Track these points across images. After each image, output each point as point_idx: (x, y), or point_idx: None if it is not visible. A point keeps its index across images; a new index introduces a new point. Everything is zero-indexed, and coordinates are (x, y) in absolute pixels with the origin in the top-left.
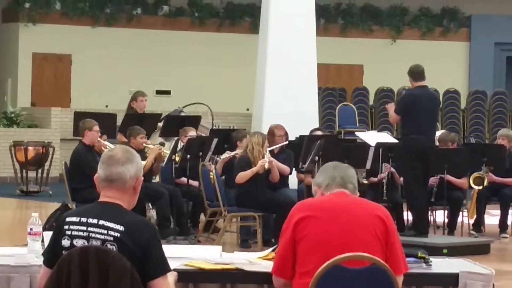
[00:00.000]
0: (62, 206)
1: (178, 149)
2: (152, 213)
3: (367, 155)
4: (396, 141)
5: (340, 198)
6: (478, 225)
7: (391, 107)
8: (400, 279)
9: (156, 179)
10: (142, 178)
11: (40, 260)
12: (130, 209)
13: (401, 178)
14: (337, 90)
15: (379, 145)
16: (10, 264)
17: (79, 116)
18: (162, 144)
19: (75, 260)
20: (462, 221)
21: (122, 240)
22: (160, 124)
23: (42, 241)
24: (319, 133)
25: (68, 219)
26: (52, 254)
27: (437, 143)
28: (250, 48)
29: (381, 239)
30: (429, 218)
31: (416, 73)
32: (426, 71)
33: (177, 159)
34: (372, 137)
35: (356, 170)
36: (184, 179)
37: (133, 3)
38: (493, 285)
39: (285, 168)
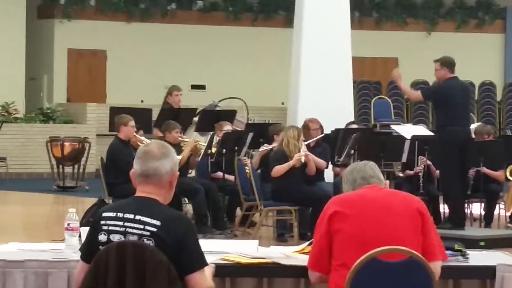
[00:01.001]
0: (99, 201)
1: (213, 143)
2: (188, 207)
3: (402, 148)
4: (431, 134)
5: (374, 191)
6: None
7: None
8: (435, 266)
9: (192, 173)
10: (178, 173)
11: (77, 256)
12: (166, 204)
13: (437, 171)
14: (372, 83)
15: (415, 138)
16: (47, 259)
17: (115, 112)
18: None
19: (112, 255)
20: (499, 213)
21: (158, 235)
22: (196, 119)
23: (80, 236)
24: (354, 126)
25: (104, 214)
26: (89, 249)
27: (473, 136)
28: (285, 42)
29: (418, 231)
30: (466, 211)
31: (452, 64)
32: (462, 63)
33: (213, 150)
34: (407, 130)
35: (391, 163)
36: (220, 174)
37: None
38: None
39: (321, 162)
